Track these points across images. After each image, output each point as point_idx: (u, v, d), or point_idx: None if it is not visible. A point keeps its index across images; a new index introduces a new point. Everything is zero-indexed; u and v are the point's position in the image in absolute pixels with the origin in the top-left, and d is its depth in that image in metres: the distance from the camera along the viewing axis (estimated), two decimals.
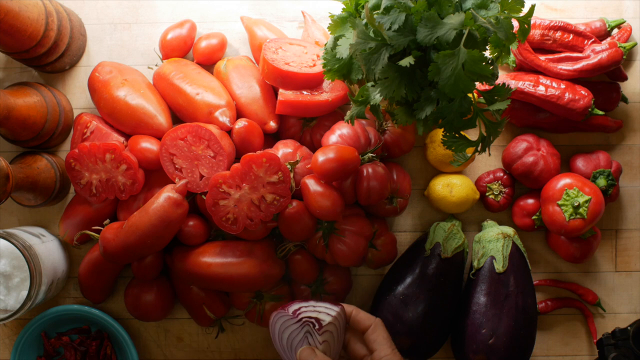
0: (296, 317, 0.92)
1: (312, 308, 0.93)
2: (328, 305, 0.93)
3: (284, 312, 0.92)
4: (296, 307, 0.93)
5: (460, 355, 1.08)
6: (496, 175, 1.14)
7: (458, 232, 1.11)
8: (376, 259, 1.10)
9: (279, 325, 0.93)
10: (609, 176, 1.11)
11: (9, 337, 1.15)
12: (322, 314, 0.92)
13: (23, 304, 0.99)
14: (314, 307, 0.93)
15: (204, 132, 1.02)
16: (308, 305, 0.93)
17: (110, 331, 1.12)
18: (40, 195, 1.08)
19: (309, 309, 0.93)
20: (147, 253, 1.04)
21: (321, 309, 0.93)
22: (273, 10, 1.17)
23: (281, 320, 0.93)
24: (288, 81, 1.05)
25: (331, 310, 0.93)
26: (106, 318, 1.10)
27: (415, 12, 0.80)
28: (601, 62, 1.09)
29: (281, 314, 0.93)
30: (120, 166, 1.04)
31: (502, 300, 1.06)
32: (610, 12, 1.17)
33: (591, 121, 1.13)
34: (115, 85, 1.07)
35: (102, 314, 1.10)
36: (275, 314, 0.93)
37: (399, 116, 0.89)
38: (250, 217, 1.02)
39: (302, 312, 0.92)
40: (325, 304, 0.94)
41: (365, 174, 1.03)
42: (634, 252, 1.17)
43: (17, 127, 1.03)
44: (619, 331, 1.06)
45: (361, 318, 0.95)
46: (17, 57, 1.05)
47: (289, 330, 0.92)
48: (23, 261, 1.01)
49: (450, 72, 0.78)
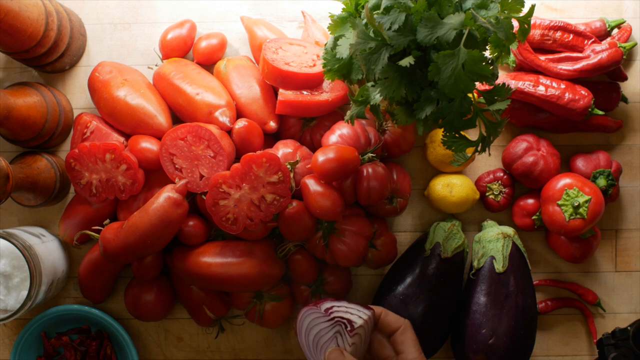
0: (328, 315, 0.90)
1: (345, 309, 0.92)
2: (360, 308, 0.93)
3: (315, 308, 0.91)
4: (328, 305, 0.92)
5: (460, 355, 1.08)
6: (496, 175, 1.14)
7: (458, 232, 1.11)
8: (376, 259, 1.10)
9: (308, 321, 0.92)
10: (609, 176, 1.11)
11: (9, 337, 1.15)
12: (354, 316, 0.91)
13: (23, 304, 0.99)
14: (347, 307, 0.92)
15: (204, 132, 1.02)
16: (340, 305, 0.92)
17: (110, 331, 1.12)
18: (40, 195, 1.08)
19: (342, 309, 0.92)
20: (147, 253, 1.04)
21: (354, 311, 0.92)
22: (273, 10, 1.17)
23: (311, 317, 0.91)
24: (288, 81, 1.05)
25: (363, 313, 0.92)
26: (106, 318, 1.10)
27: (415, 12, 0.80)
28: (601, 62, 1.09)
29: (312, 310, 0.91)
30: (120, 166, 1.04)
31: (502, 300, 1.06)
32: (610, 12, 1.17)
33: (591, 121, 1.13)
34: (115, 85, 1.07)
35: (102, 314, 1.10)
36: (306, 310, 0.92)
37: (399, 116, 0.89)
38: (250, 217, 1.02)
39: (335, 312, 0.91)
40: (357, 306, 0.93)
41: (365, 174, 1.03)
42: (634, 252, 1.17)
43: (17, 127, 1.03)
44: (619, 331, 1.06)
45: (390, 320, 0.94)
46: (17, 57, 1.06)
47: (318, 328, 0.91)
48: (23, 261, 1.01)
49: (450, 72, 0.78)
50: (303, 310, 0.93)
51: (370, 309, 0.93)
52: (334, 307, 0.92)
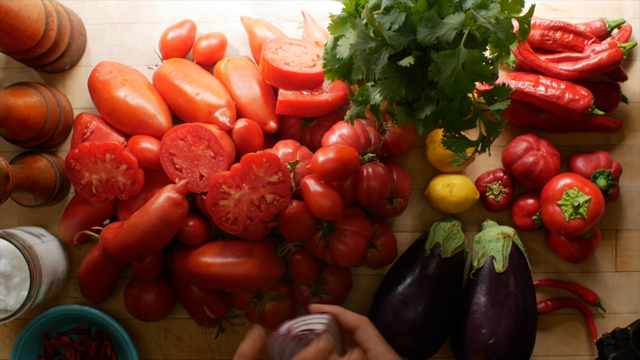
0: (290, 334, 0.91)
1: (302, 322, 0.93)
2: (317, 316, 0.93)
3: (277, 334, 0.92)
4: (287, 326, 0.93)
5: (460, 355, 1.08)
6: (496, 175, 1.14)
7: (458, 232, 1.11)
8: (376, 259, 1.10)
9: (277, 348, 0.92)
10: (609, 176, 1.11)
11: (9, 337, 1.15)
12: (313, 324, 0.92)
13: (23, 304, 0.99)
14: (304, 320, 0.93)
15: (204, 132, 1.02)
16: (297, 321, 0.93)
17: (110, 331, 1.12)
18: (40, 195, 1.08)
19: (300, 324, 0.93)
20: (147, 253, 1.04)
21: (311, 320, 0.93)
22: (273, 10, 1.17)
23: (277, 343, 0.92)
24: (288, 81, 1.05)
25: (321, 319, 0.93)
26: (106, 318, 1.10)
27: (416, 12, 0.80)
28: (601, 62, 1.08)
29: (275, 338, 0.92)
30: (120, 166, 1.04)
31: (502, 300, 1.06)
32: (610, 12, 1.17)
33: (591, 121, 1.13)
34: (115, 85, 1.07)
35: (102, 314, 1.10)
36: (271, 341, 0.93)
37: (399, 116, 0.89)
38: (250, 217, 1.02)
39: (295, 328, 0.92)
40: (313, 315, 0.94)
41: (365, 174, 1.03)
42: (634, 252, 1.17)
43: (17, 127, 1.03)
44: (619, 331, 1.06)
45: (349, 318, 0.94)
46: (17, 57, 1.05)
47: (289, 349, 0.92)
48: (23, 261, 1.01)
49: (450, 72, 0.78)
50: (268, 343, 0.93)
51: (327, 312, 0.94)
52: (293, 324, 0.93)
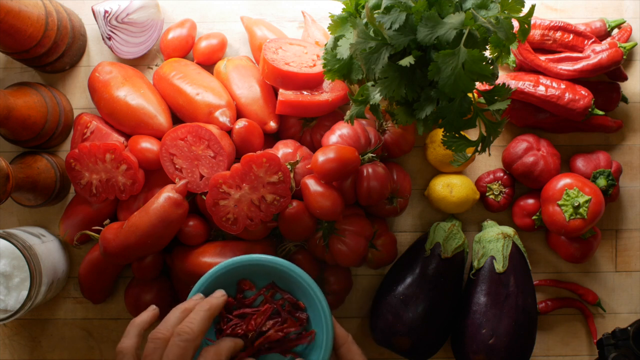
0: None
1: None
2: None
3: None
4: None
5: (460, 355, 1.08)
6: (496, 175, 1.14)
7: (458, 232, 1.11)
8: (376, 259, 1.10)
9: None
10: (609, 176, 1.11)
11: (9, 337, 1.15)
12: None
13: (23, 304, 0.99)
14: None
15: (204, 132, 1.02)
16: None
17: (297, 282, 0.96)
18: (40, 195, 1.08)
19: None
20: (147, 253, 1.04)
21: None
22: (273, 10, 1.17)
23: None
24: (288, 81, 1.05)
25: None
26: (292, 268, 0.95)
27: (416, 12, 0.80)
28: (601, 62, 1.09)
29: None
30: (120, 166, 1.04)
31: (502, 300, 1.06)
32: (610, 12, 1.17)
33: (591, 121, 1.13)
34: (115, 85, 1.07)
35: (287, 263, 0.95)
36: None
37: (399, 116, 0.89)
38: (250, 217, 1.02)
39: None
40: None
41: (365, 174, 1.03)
42: (634, 252, 1.17)
43: (17, 127, 1.03)
44: (619, 331, 1.06)
45: (336, 333, 0.93)
46: (17, 57, 1.06)
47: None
48: (23, 261, 1.01)
49: (450, 71, 0.78)
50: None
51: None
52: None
